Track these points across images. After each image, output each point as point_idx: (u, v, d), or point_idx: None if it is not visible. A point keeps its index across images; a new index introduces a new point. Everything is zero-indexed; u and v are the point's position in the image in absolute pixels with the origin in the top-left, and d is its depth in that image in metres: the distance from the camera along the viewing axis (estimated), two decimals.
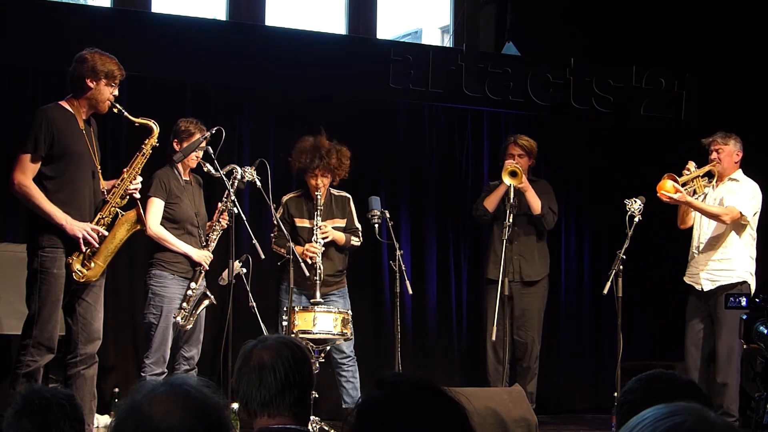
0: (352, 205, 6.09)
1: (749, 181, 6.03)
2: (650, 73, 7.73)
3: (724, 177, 6.04)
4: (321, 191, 5.84)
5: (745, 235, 5.93)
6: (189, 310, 5.32)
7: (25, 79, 6.29)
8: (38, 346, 4.44)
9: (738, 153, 6.04)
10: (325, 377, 6.05)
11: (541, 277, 6.45)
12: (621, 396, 2.06)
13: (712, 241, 5.96)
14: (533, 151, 6.39)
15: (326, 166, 5.81)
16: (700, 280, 5.95)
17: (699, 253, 6.00)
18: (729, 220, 5.84)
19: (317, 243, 5.76)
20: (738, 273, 5.89)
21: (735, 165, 6.04)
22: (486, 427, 4.65)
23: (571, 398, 7.64)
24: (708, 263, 5.94)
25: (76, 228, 4.50)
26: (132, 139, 5.39)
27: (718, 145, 6.01)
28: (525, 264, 6.35)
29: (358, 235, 6.05)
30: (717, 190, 6.04)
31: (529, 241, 6.40)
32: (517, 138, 6.42)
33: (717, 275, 5.90)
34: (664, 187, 5.84)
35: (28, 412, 2.21)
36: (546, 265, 6.52)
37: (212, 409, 1.62)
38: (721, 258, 5.92)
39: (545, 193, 6.45)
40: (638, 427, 1.28)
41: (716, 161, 6.00)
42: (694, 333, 5.95)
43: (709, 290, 5.90)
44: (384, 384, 1.71)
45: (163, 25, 6.61)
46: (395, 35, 8.11)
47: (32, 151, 4.49)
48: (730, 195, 5.96)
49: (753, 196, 5.96)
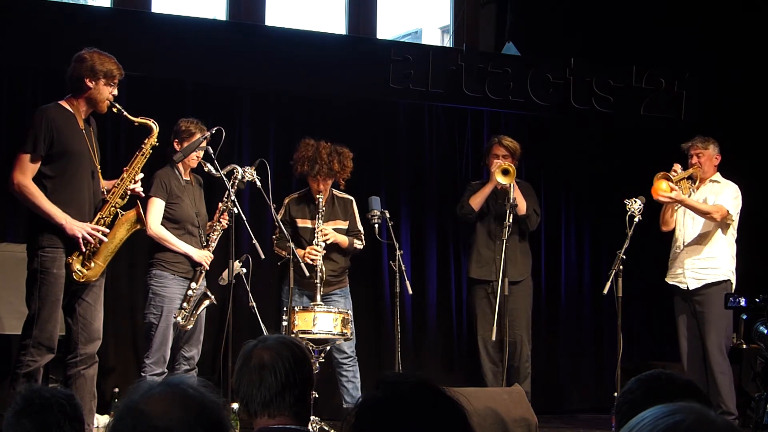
0: (355, 207, 6.09)
1: (729, 182, 6.13)
2: (650, 73, 7.73)
3: (704, 179, 6.14)
4: (323, 194, 5.84)
5: (728, 235, 6.05)
6: (189, 310, 5.31)
7: (25, 79, 6.29)
8: (38, 346, 4.43)
9: (717, 156, 6.15)
10: (325, 377, 6.05)
11: (524, 277, 6.45)
12: (621, 396, 2.06)
13: (698, 240, 6.05)
14: (517, 152, 6.39)
15: (327, 172, 5.81)
16: (684, 279, 6.03)
17: (682, 252, 6.07)
18: (719, 217, 5.94)
19: (318, 246, 5.76)
20: (723, 271, 5.98)
21: (714, 168, 6.16)
22: (486, 427, 4.64)
23: (571, 398, 7.64)
24: (693, 262, 6.02)
25: (76, 228, 4.50)
26: (132, 139, 5.39)
27: (698, 149, 6.12)
28: (509, 264, 6.35)
29: (360, 238, 6.05)
30: (699, 192, 6.14)
31: (512, 241, 6.39)
32: (501, 139, 6.41)
33: (702, 273, 5.99)
34: (660, 187, 5.92)
35: (28, 412, 2.21)
36: (528, 264, 6.52)
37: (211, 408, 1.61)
38: (706, 256, 6.01)
39: (529, 194, 6.46)
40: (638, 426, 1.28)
41: (697, 165, 6.10)
42: (685, 331, 6.02)
43: (695, 288, 5.98)
44: (384, 384, 1.71)
45: (163, 25, 6.61)
46: (395, 35, 8.10)
47: (32, 151, 4.49)
48: (713, 196, 6.07)
49: (735, 196, 6.06)
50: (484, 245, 6.38)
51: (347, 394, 5.89)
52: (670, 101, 7.80)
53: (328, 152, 5.82)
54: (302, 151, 5.86)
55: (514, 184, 6.24)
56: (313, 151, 5.82)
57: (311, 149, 5.83)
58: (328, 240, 5.83)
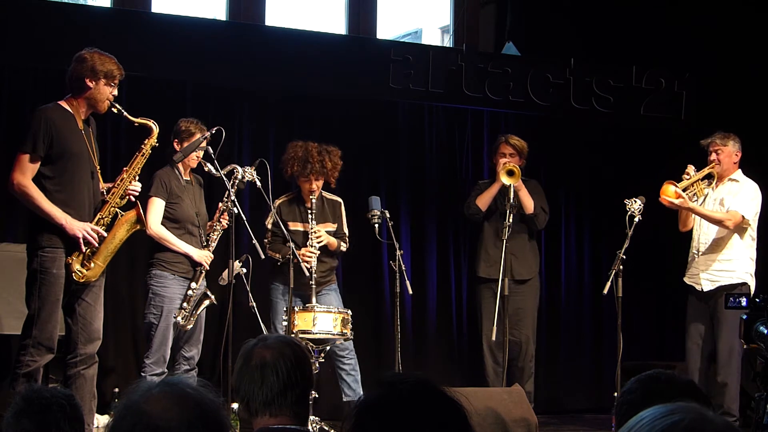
0: (343, 210, 6.10)
1: (749, 181, 6.02)
2: (650, 73, 7.73)
3: (723, 177, 6.02)
4: (315, 194, 5.84)
5: (746, 237, 5.93)
6: (189, 310, 5.32)
7: (25, 79, 6.29)
8: (38, 346, 4.43)
9: (737, 153, 6.02)
10: (325, 376, 6.05)
11: (532, 275, 6.47)
12: (620, 396, 2.07)
13: (714, 243, 5.95)
14: (524, 151, 6.41)
15: (320, 171, 5.81)
16: (700, 280, 5.94)
17: (699, 254, 5.99)
18: (732, 225, 5.84)
19: (312, 247, 5.76)
20: (738, 274, 5.88)
21: (734, 165, 6.02)
22: (486, 427, 4.65)
23: (571, 398, 7.64)
24: (709, 264, 5.94)
25: (76, 228, 4.50)
26: (132, 139, 5.40)
27: (717, 146, 5.99)
28: (516, 262, 6.36)
29: (345, 240, 6.09)
30: (717, 191, 6.03)
31: (521, 240, 6.41)
32: (509, 138, 6.43)
33: (717, 276, 5.90)
34: (667, 192, 5.82)
35: (27, 412, 2.21)
36: (537, 263, 6.55)
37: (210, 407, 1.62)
38: (722, 259, 5.92)
39: (537, 193, 6.47)
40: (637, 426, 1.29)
41: (716, 162, 5.98)
42: (695, 333, 5.94)
43: (709, 290, 5.90)
44: (383, 384, 1.71)
45: (163, 25, 6.61)
46: (395, 35, 8.10)
47: (31, 151, 4.49)
48: (730, 196, 5.96)
49: (753, 197, 5.95)
50: (492, 244, 6.38)
51: (347, 387, 5.88)
52: (670, 101, 7.80)
53: (318, 151, 5.82)
54: (291, 152, 5.85)
55: (520, 184, 6.25)
56: (303, 151, 5.81)
57: (300, 150, 5.83)
58: (322, 242, 5.83)
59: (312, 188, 5.83)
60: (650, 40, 7.81)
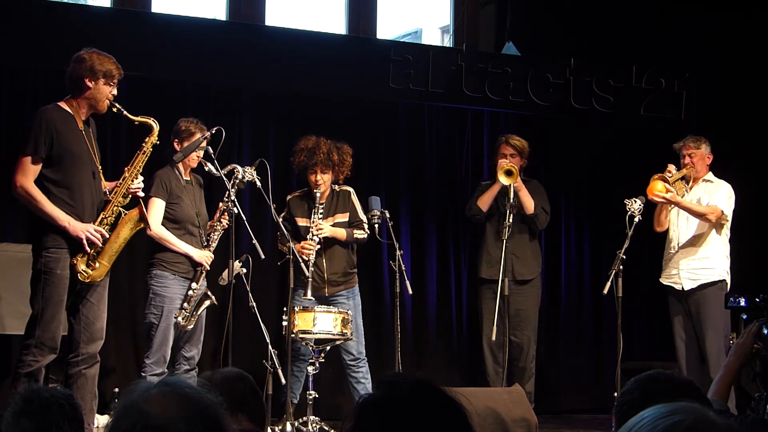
0: (354, 197, 6.07)
1: (722, 182, 6.14)
2: (650, 73, 7.73)
3: (698, 179, 6.16)
4: (321, 188, 5.84)
5: (722, 235, 6.06)
6: (190, 311, 5.31)
7: (25, 79, 6.29)
8: (41, 346, 4.43)
9: (709, 156, 6.17)
10: (325, 376, 6.05)
11: (534, 275, 6.48)
12: (620, 397, 2.07)
13: (692, 241, 6.05)
14: (525, 151, 6.42)
15: (326, 162, 5.82)
16: (680, 279, 6.04)
17: (676, 253, 6.07)
18: (714, 218, 5.96)
19: (312, 240, 5.75)
20: (717, 271, 5.99)
21: (707, 168, 6.17)
22: (486, 427, 4.64)
23: (571, 398, 7.64)
24: (688, 263, 6.02)
25: (79, 229, 4.50)
26: (132, 139, 5.40)
27: (690, 149, 6.13)
28: (518, 263, 6.37)
29: (363, 227, 5.98)
30: (692, 192, 6.15)
31: (522, 240, 6.42)
32: (509, 138, 6.44)
33: (697, 274, 6.00)
34: (656, 188, 5.93)
35: (27, 412, 2.21)
36: (538, 264, 6.55)
37: (209, 406, 1.61)
38: (701, 257, 6.02)
39: (538, 193, 6.48)
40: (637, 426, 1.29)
41: (689, 165, 6.11)
42: (681, 332, 6.04)
43: (690, 289, 5.99)
44: (383, 384, 1.71)
45: (163, 25, 6.61)
46: (395, 35, 8.10)
47: (32, 153, 4.49)
48: (707, 196, 6.08)
49: (729, 196, 6.07)
50: (493, 245, 6.39)
51: (359, 396, 5.85)
52: (670, 101, 7.80)
53: (328, 146, 5.85)
54: (302, 144, 5.91)
55: (520, 184, 6.25)
56: (313, 144, 5.86)
57: (311, 142, 5.88)
58: (323, 234, 5.81)
59: (317, 180, 5.83)
60: (650, 40, 7.81)
